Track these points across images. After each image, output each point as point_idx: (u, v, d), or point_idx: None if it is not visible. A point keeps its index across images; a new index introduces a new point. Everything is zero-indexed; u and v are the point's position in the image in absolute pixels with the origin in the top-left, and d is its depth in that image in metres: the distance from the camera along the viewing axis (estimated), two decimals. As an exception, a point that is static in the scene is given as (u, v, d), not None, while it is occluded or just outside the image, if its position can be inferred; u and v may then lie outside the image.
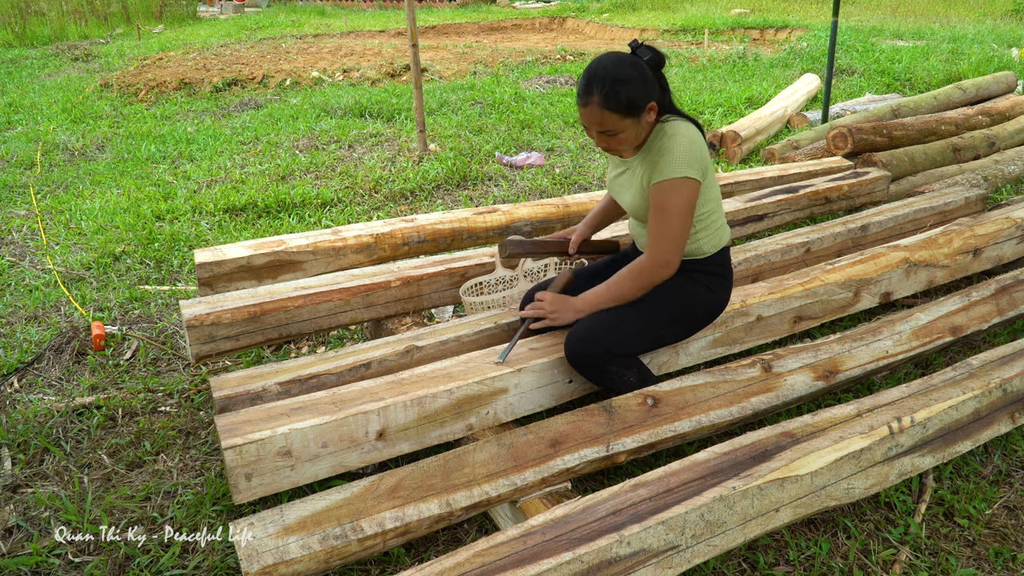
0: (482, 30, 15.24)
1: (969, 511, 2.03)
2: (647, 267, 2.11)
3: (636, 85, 2.00)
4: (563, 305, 2.18)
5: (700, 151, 2.08)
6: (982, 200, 3.82)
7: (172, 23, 16.57)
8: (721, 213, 2.26)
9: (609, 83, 1.98)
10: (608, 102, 2.00)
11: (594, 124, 2.06)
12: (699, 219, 2.18)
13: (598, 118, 2.03)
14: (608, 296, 2.16)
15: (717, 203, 2.22)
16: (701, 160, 2.08)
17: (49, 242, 4.06)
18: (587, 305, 2.17)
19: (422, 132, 5.53)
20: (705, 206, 2.17)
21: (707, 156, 2.11)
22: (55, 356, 2.86)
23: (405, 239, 3.06)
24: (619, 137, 2.07)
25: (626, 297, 2.15)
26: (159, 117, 7.31)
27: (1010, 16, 13.12)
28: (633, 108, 2.01)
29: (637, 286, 2.13)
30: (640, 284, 2.13)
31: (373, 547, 1.74)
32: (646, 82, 2.02)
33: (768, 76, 8.16)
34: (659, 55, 2.08)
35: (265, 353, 2.91)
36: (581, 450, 1.96)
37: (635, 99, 2.00)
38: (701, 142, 2.10)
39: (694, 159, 2.05)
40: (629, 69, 2.01)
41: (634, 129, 2.06)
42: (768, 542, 1.94)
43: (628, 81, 1.99)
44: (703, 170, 2.09)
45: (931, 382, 2.17)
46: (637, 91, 2.00)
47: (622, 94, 1.98)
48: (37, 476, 2.24)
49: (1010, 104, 5.48)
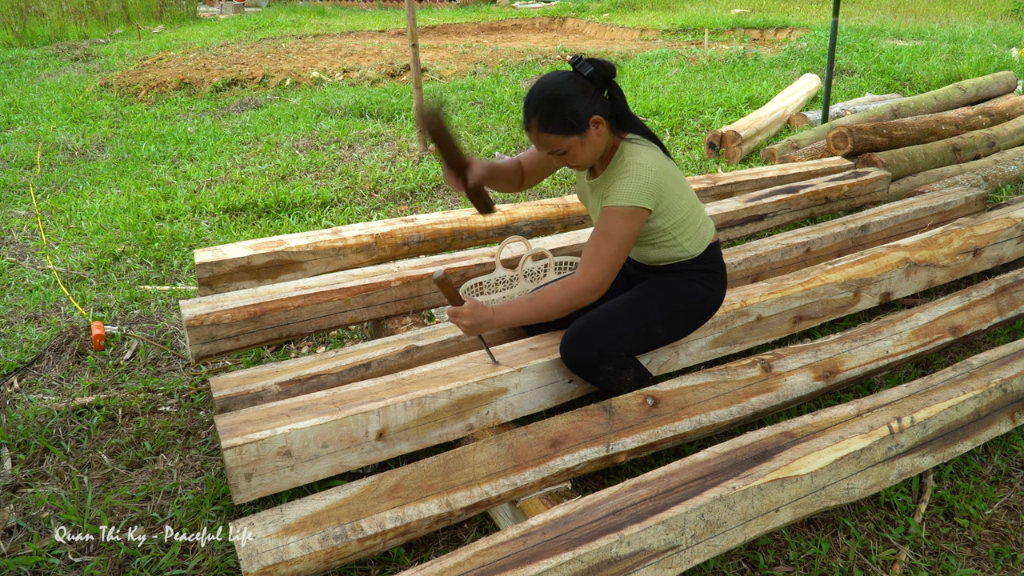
0: (482, 30, 15.23)
1: (969, 511, 2.03)
2: (577, 288, 2.04)
3: (573, 102, 1.97)
4: (479, 318, 2.04)
5: (655, 179, 2.04)
6: (982, 200, 3.82)
7: (172, 23, 16.57)
8: (698, 213, 2.22)
9: (544, 105, 1.97)
10: (545, 124, 1.98)
11: (542, 147, 2.05)
12: (673, 228, 2.15)
13: (543, 141, 2.02)
14: (531, 312, 2.06)
15: (689, 209, 2.18)
16: (655, 188, 2.04)
17: (49, 242, 4.06)
18: (502, 320, 2.06)
19: (422, 132, 5.53)
20: (676, 215, 2.13)
21: (664, 180, 2.06)
22: (55, 356, 2.86)
23: (405, 239, 3.06)
24: (570, 155, 2.05)
25: (549, 315, 2.07)
26: (159, 117, 7.31)
27: (1010, 16, 13.12)
28: (573, 126, 1.98)
29: (562, 307, 2.05)
30: (566, 305, 2.05)
31: (373, 547, 1.74)
32: (586, 96, 1.99)
33: (768, 76, 8.16)
34: (603, 67, 2.01)
35: (265, 353, 2.91)
36: (581, 450, 1.96)
37: (573, 116, 1.97)
38: (658, 167, 2.06)
39: (647, 188, 2.02)
40: (565, 86, 1.98)
41: (583, 145, 2.03)
42: (768, 542, 1.94)
43: (563, 100, 1.96)
44: (657, 198, 2.06)
45: (931, 382, 2.17)
46: (575, 107, 1.97)
47: (557, 114, 1.97)
48: (37, 476, 2.24)
49: (1010, 104, 5.48)
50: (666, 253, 2.21)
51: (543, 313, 2.06)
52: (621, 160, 2.08)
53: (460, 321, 2.04)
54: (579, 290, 2.04)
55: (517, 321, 2.08)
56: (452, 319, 2.05)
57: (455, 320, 2.04)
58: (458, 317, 2.04)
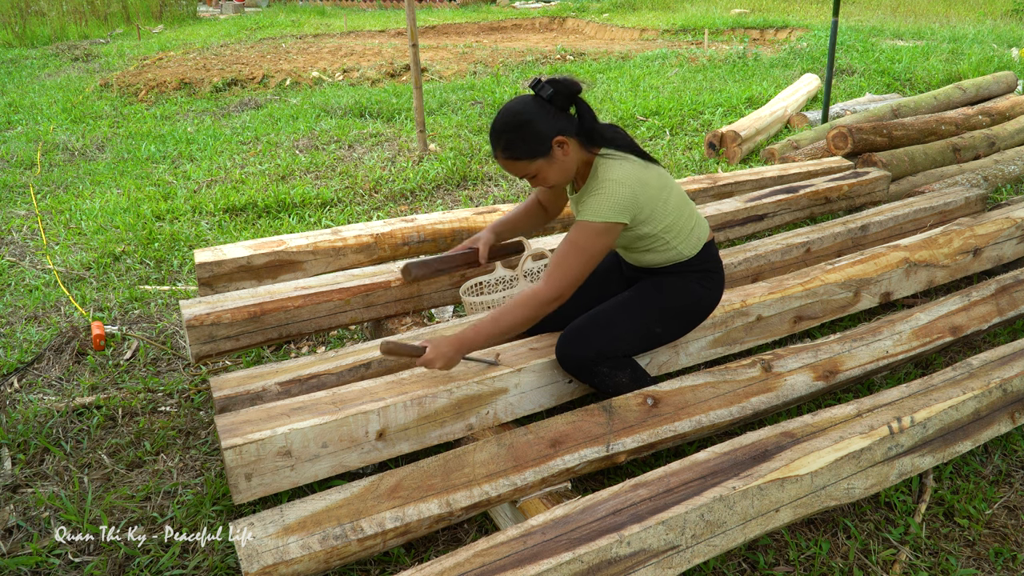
0: (482, 30, 15.23)
1: (969, 511, 2.03)
2: (539, 297, 2.02)
3: (535, 126, 1.98)
4: (444, 353, 2.01)
5: (629, 192, 2.02)
6: (982, 200, 3.82)
7: (172, 23, 16.57)
8: (689, 215, 2.21)
9: (506, 133, 2.00)
10: (508, 153, 2.02)
11: (511, 172, 2.09)
12: (664, 232, 2.14)
13: (511, 168, 2.06)
14: (493, 329, 2.02)
15: (679, 213, 2.16)
16: (630, 203, 2.03)
17: (49, 242, 4.06)
18: (470, 343, 2.03)
19: (422, 132, 5.53)
20: (663, 221, 2.12)
21: (641, 191, 2.04)
22: (55, 356, 2.86)
23: (405, 239, 3.06)
24: (540, 178, 2.08)
25: (513, 329, 2.04)
26: (159, 117, 7.31)
27: (1010, 16, 13.12)
28: (536, 150, 2.00)
29: (525, 316, 2.03)
30: (528, 314, 2.03)
31: (373, 547, 1.74)
32: (548, 118, 2.00)
33: (768, 76, 8.16)
34: (565, 86, 2.00)
35: (265, 353, 2.91)
36: (581, 450, 1.96)
37: (536, 140, 1.99)
38: (634, 179, 2.04)
39: (619, 204, 2.01)
40: (526, 112, 1.99)
41: (551, 167, 2.05)
42: (768, 542, 1.94)
43: (524, 126, 1.99)
44: (634, 211, 2.05)
45: (931, 382, 2.17)
46: (537, 131, 1.99)
47: (519, 140, 1.99)
48: (37, 476, 2.24)
49: (1010, 104, 5.48)
50: (661, 256, 2.21)
51: (505, 329, 2.03)
52: (596, 176, 2.08)
53: (432, 365, 2.02)
54: (540, 301, 2.02)
55: (484, 341, 2.04)
56: (426, 367, 2.04)
57: (429, 367, 2.03)
58: (428, 363, 2.01)
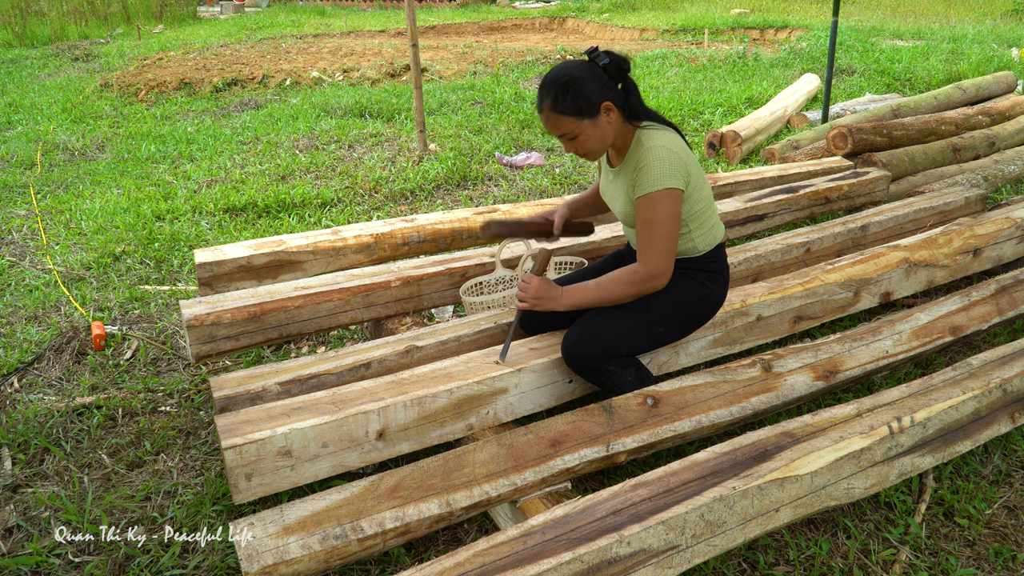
0: (482, 30, 15.23)
1: (969, 511, 2.03)
2: (640, 276, 2.10)
3: (585, 86, 2.01)
4: (547, 294, 2.15)
5: (679, 158, 2.06)
6: (982, 200, 3.82)
7: (172, 23, 16.56)
8: (713, 211, 2.25)
9: (557, 87, 2.02)
10: (557, 106, 2.02)
11: (553, 129, 2.08)
12: (691, 218, 2.17)
13: (554, 123, 2.06)
14: (597, 296, 2.14)
15: (708, 202, 2.22)
16: (681, 167, 2.07)
17: (49, 242, 4.06)
18: (571, 300, 2.15)
19: (422, 132, 5.53)
20: (696, 205, 2.17)
21: (689, 160, 2.10)
22: (55, 356, 2.86)
23: (405, 239, 3.06)
24: (580, 140, 2.08)
25: (615, 300, 2.15)
26: (159, 117, 7.31)
27: (1010, 16, 13.12)
28: (585, 109, 2.02)
29: (628, 292, 2.13)
30: (631, 291, 2.13)
31: (373, 547, 1.74)
32: (598, 82, 2.03)
33: (768, 76, 8.16)
34: (619, 60, 2.06)
35: (265, 353, 2.91)
36: (581, 450, 1.96)
37: (585, 99, 2.01)
38: (680, 147, 2.09)
39: (673, 168, 2.04)
40: (578, 72, 2.02)
41: (594, 130, 2.06)
42: (768, 542, 1.94)
43: (576, 83, 2.01)
44: (685, 176, 2.08)
45: (931, 382, 2.17)
46: (587, 92, 2.01)
47: (569, 95, 2.01)
48: (37, 476, 2.24)
49: (1010, 104, 5.48)
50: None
51: (608, 298, 2.14)
52: (640, 145, 2.09)
53: (527, 289, 2.15)
54: (644, 276, 2.11)
55: (581, 304, 2.15)
56: (521, 286, 2.17)
57: (523, 287, 2.15)
58: (527, 285, 2.15)
